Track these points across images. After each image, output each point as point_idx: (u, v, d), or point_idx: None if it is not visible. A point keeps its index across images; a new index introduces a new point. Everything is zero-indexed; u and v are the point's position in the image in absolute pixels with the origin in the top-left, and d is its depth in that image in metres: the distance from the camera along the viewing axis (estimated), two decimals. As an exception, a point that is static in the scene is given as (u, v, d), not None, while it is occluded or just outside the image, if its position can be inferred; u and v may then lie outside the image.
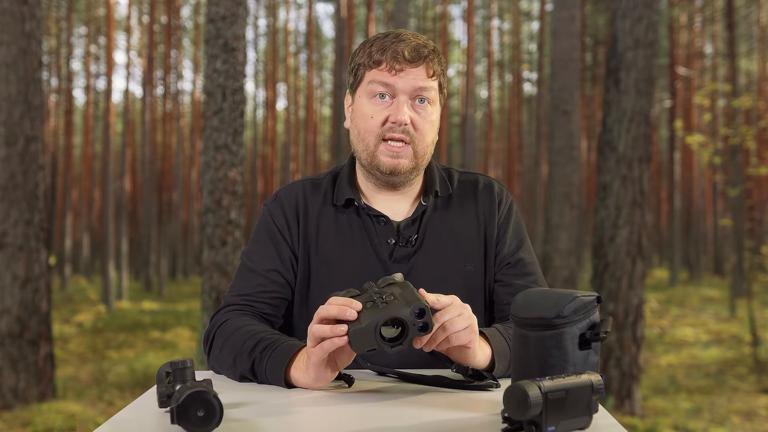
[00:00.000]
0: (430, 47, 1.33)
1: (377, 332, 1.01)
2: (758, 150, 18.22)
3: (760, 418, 5.50)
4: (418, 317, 1.02)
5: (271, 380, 1.18)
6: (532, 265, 1.44)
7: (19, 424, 4.95)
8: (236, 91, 5.14)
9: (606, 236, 5.42)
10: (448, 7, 26.45)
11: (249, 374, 1.21)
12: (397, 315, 1.02)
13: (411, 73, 1.30)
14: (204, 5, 21.31)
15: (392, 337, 1.03)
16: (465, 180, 1.46)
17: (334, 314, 1.04)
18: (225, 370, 1.27)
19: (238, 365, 1.23)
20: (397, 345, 1.02)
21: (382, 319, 1.01)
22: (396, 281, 1.09)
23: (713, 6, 22.61)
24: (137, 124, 26.47)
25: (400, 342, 1.02)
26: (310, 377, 1.12)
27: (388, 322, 1.02)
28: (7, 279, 5.30)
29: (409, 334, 1.02)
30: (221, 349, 1.28)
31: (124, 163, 17.30)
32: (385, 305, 1.03)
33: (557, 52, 8.14)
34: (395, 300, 1.04)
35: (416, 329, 1.02)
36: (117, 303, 15.03)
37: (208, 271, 5.08)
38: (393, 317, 1.01)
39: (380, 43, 1.32)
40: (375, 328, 1.01)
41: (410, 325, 1.02)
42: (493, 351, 1.21)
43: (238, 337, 1.26)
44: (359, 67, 1.35)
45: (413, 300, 1.03)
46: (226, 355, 1.26)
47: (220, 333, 1.31)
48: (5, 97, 5.31)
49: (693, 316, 12.21)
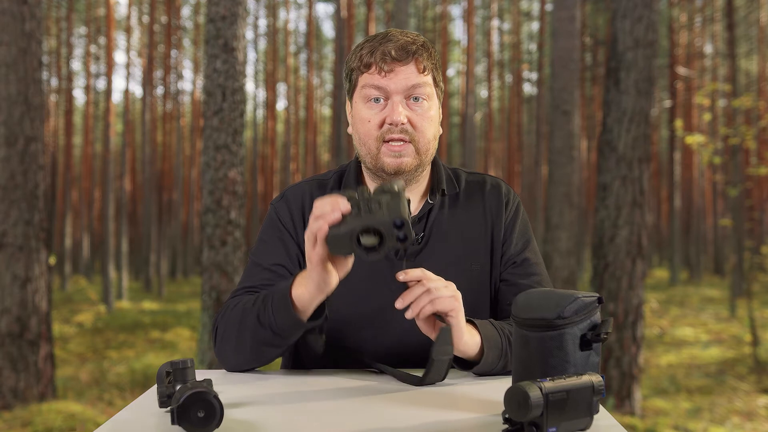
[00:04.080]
0: (419, 43, 1.33)
1: (353, 239, 1.04)
2: (758, 150, 18.22)
3: (760, 418, 5.50)
4: (397, 228, 1.04)
5: (278, 314, 1.18)
6: (538, 265, 1.44)
7: (19, 424, 4.95)
8: (236, 91, 5.14)
9: (606, 236, 5.42)
10: (448, 7, 26.45)
11: (257, 329, 1.21)
12: (374, 225, 1.04)
13: (401, 72, 1.30)
14: (204, 5, 21.30)
15: (371, 245, 1.05)
16: (472, 180, 1.47)
17: (329, 210, 1.07)
18: (231, 351, 1.28)
19: (245, 328, 1.23)
20: (372, 253, 1.04)
21: (359, 228, 1.04)
22: (391, 190, 1.10)
23: (713, 6, 22.62)
24: (137, 124, 26.48)
25: (377, 250, 1.04)
26: (312, 282, 1.13)
27: (368, 230, 1.04)
28: (7, 279, 5.30)
29: (386, 243, 1.04)
30: (225, 328, 1.29)
31: (124, 163, 17.30)
32: (368, 213, 1.05)
33: (557, 52, 8.14)
34: (380, 209, 1.05)
35: (394, 239, 1.04)
36: (117, 303, 15.03)
37: (208, 271, 5.08)
38: (370, 227, 1.04)
39: (369, 45, 1.33)
40: (351, 234, 1.04)
41: (387, 235, 1.04)
42: (482, 337, 1.22)
43: (238, 309, 1.28)
44: (352, 71, 1.35)
45: (396, 212, 1.04)
46: (231, 330, 1.27)
47: (223, 319, 1.31)
48: (5, 97, 5.31)
49: (693, 316, 12.21)
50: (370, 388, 1.18)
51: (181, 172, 24.12)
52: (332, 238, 1.06)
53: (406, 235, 1.04)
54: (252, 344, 1.25)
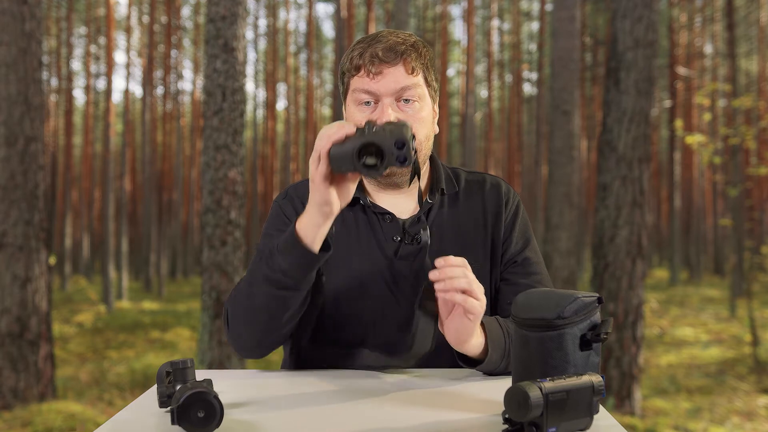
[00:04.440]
0: (409, 43, 1.32)
1: (355, 154, 1.06)
2: (758, 150, 18.23)
3: (760, 418, 5.50)
4: (398, 149, 1.05)
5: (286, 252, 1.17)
6: (538, 264, 1.43)
7: (19, 424, 4.95)
8: (236, 91, 5.14)
9: (606, 236, 5.42)
10: (448, 7, 26.45)
11: (267, 278, 1.20)
12: (376, 141, 1.06)
13: (389, 74, 1.29)
14: (204, 5, 21.29)
15: (372, 164, 1.07)
16: (472, 179, 1.46)
17: (335, 130, 1.09)
18: (242, 326, 1.26)
19: (255, 287, 1.22)
20: (372, 170, 1.06)
21: (360, 143, 1.06)
22: (396, 121, 1.13)
23: (713, 6, 22.62)
24: (137, 124, 26.48)
25: (376, 168, 1.06)
26: (315, 206, 1.13)
27: (369, 148, 1.06)
28: (7, 279, 5.30)
29: (386, 161, 1.06)
30: (234, 303, 1.28)
31: (124, 163, 17.29)
32: (372, 134, 1.07)
33: (557, 52, 8.14)
34: (383, 132, 1.07)
35: (394, 158, 1.06)
36: (117, 303, 15.02)
37: (208, 271, 5.07)
38: (371, 142, 1.05)
39: (359, 47, 1.32)
40: (353, 150, 1.06)
41: (388, 153, 1.05)
42: (487, 337, 1.22)
43: (244, 281, 1.27)
44: (344, 74, 1.35)
45: (398, 134, 1.06)
46: (240, 301, 1.25)
47: (231, 300, 1.30)
48: (5, 97, 5.31)
49: (693, 316, 12.21)
50: (370, 388, 1.18)
51: (181, 172, 24.12)
52: (335, 155, 1.09)
53: (406, 157, 1.06)
54: (263, 303, 1.22)
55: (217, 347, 5.03)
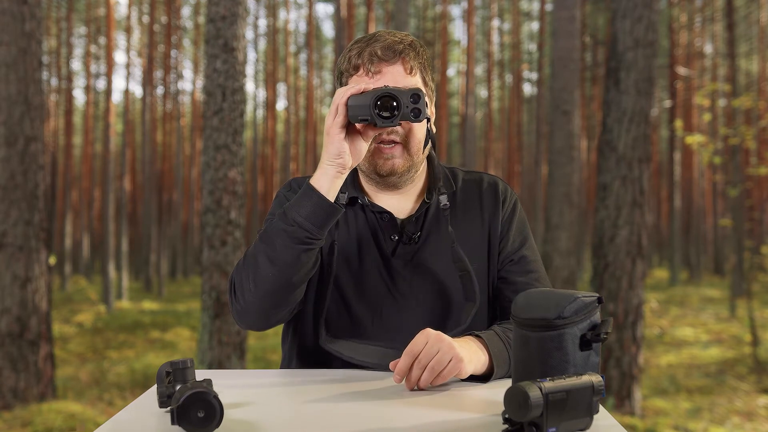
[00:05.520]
0: (406, 42, 1.32)
1: (372, 103, 1.15)
2: (758, 150, 18.21)
3: (760, 418, 5.50)
4: (413, 102, 1.16)
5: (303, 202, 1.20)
6: (535, 263, 1.43)
7: (19, 424, 4.95)
8: (236, 91, 5.13)
9: (606, 236, 5.42)
10: (448, 7, 26.44)
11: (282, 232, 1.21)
12: (392, 91, 1.15)
13: (387, 73, 1.30)
14: (204, 5, 21.30)
15: (387, 116, 1.16)
16: (469, 179, 1.46)
17: (353, 91, 1.18)
18: (250, 294, 1.25)
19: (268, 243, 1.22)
20: (387, 120, 1.15)
21: (378, 93, 1.15)
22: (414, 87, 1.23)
23: (713, 6, 22.60)
24: (137, 124, 26.46)
25: (391, 119, 1.15)
26: (329, 157, 1.20)
27: (385, 99, 1.15)
28: (7, 279, 5.30)
29: (401, 112, 1.15)
30: (240, 270, 1.27)
31: (124, 163, 17.29)
32: (389, 88, 1.17)
33: (557, 52, 8.14)
34: (400, 88, 1.18)
35: (408, 111, 1.16)
36: (117, 303, 15.02)
37: (208, 271, 5.07)
38: (388, 93, 1.15)
39: (357, 47, 1.33)
40: (371, 99, 1.15)
41: (404, 105, 1.15)
42: (491, 355, 1.22)
43: (251, 247, 1.27)
44: (342, 74, 1.36)
45: (415, 89, 1.17)
46: (248, 265, 1.25)
47: (237, 268, 1.29)
48: (5, 97, 5.31)
49: (693, 316, 12.21)
50: (370, 388, 1.18)
51: (181, 172, 24.11)
52: (353, 105, 1.17)
53: (419, 110, 1.16)
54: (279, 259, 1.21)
55: (217, 347, 5.03)
